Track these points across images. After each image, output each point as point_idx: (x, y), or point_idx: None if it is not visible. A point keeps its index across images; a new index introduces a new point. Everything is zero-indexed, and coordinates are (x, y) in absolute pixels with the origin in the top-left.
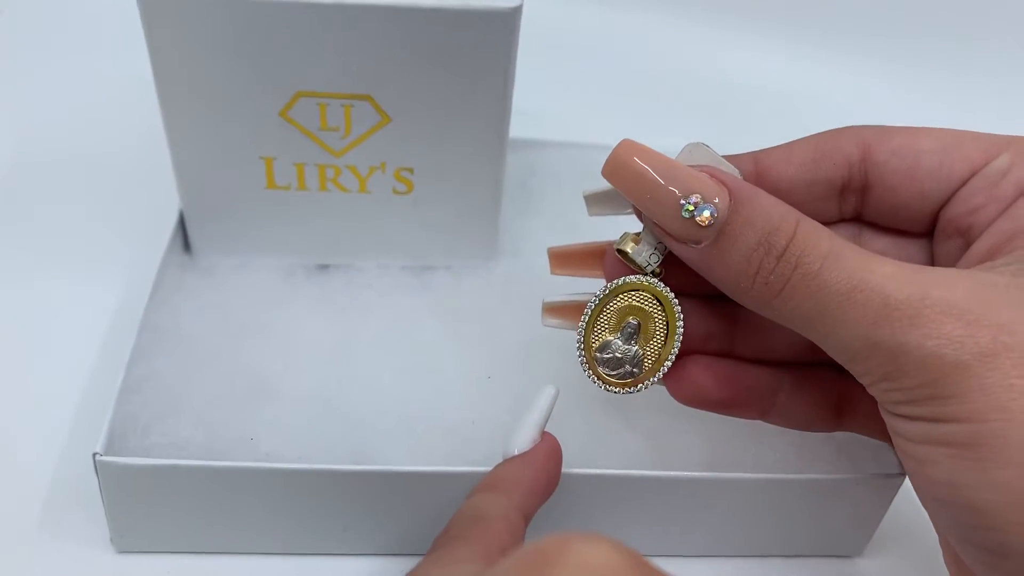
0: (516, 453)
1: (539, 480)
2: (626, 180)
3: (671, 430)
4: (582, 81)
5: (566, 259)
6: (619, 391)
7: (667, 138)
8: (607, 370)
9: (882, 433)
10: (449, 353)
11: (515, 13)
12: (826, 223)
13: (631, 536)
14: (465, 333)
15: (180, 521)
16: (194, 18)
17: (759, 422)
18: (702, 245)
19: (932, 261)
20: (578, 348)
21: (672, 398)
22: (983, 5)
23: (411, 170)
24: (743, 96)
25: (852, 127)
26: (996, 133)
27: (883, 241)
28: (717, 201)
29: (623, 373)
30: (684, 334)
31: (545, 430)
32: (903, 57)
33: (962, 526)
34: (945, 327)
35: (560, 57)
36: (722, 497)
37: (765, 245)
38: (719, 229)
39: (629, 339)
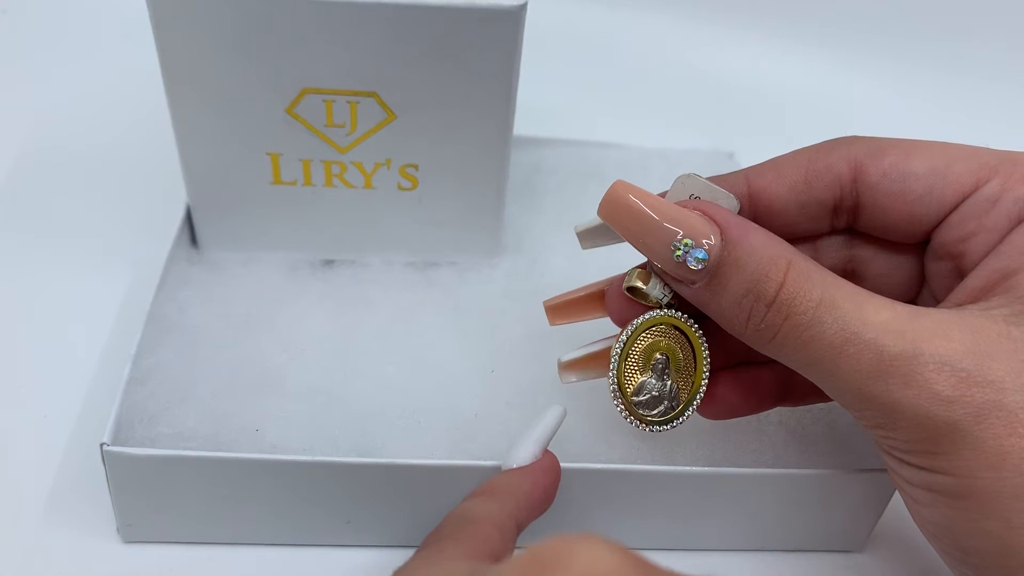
0: (515, 467)
1: (535, 492)
2: (620, 221)
3: None
4: (586, 79)
5: (564, 309)
6: (664, 428)
7: (670, 136)
8: (647, 411)
9: None
10: (452, 347)
11: (520, 11)
12: (818, 236)
13: (631, 531)
14: (468, 328)
15: (185, 511)
16: (202, 15)
17: (759, 415)
18: (696, 285)
19: (923, 273)
20: (614, 397)
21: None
22: (983, 5)
23: (416, 167)
24: (746, 94)
25: (844, 140)
26: (988, 148)
27: (875, 250)
28: (710, 242)
29: (663, 410)
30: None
31: (548, 449)
32: (904, 56)
33: (951, 557)
34: (938, 386)
35: (565, 55)
36: (722, 492)
37: (755, 292)
38: (710, 272)
39: (662, 375)
